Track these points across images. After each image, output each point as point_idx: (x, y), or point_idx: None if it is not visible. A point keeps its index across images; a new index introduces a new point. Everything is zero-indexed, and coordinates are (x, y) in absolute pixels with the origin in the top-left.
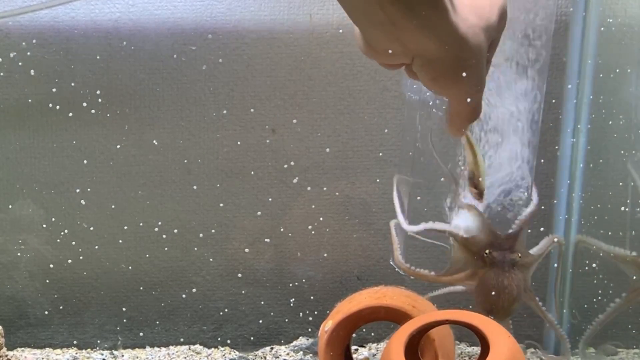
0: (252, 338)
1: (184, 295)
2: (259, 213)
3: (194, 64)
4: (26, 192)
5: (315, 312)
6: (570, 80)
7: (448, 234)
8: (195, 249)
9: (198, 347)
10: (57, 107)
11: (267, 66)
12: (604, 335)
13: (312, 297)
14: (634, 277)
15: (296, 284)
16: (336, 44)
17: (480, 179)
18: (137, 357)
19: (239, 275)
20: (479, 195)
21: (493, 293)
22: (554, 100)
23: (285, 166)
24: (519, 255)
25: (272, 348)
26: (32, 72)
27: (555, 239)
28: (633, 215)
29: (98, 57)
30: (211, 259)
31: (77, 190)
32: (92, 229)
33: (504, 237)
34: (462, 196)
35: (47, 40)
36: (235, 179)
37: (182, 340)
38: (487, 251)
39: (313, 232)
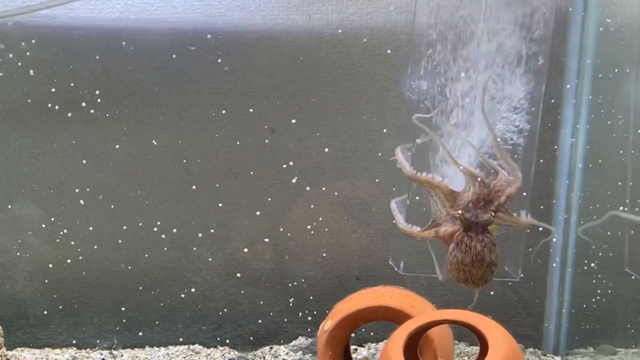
0: (251, 338)
1: (183, 295)
2: (258, 213)
3: (193, 64)
4: (25, 192)
5: (315, 312)
6: (569, 81)
7: (436, 184)
8: (195, 248)
9: (197, 346)
10: (56, 107)
11: (267, 66)
12: (603, 335)
13: (311, 297)
14: None
15: (295, 283)
16: (335, 44)
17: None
18: (137, 357)
19: (238, 275)
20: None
21: (467, 259)
22: (553, 100)
23: (284, 166)
24: (493, 214)
25: (271, 348)
26: (31, 72)
27: None
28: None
29: (97, 57)
30: (210, 259)
31: (76, 190)
32: (91, 228)
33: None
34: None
35: (46, 40)
36: (234, 179)
37: (181, 340)
38: (459, 212)
39: (312, 232)
